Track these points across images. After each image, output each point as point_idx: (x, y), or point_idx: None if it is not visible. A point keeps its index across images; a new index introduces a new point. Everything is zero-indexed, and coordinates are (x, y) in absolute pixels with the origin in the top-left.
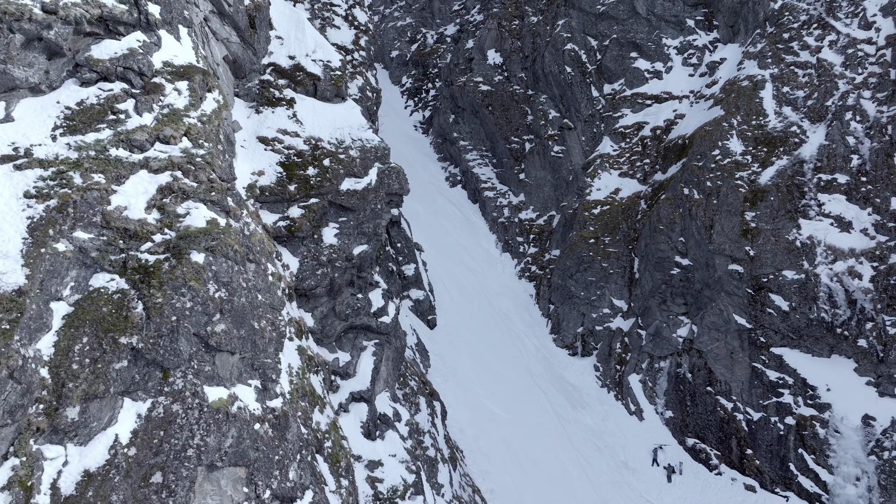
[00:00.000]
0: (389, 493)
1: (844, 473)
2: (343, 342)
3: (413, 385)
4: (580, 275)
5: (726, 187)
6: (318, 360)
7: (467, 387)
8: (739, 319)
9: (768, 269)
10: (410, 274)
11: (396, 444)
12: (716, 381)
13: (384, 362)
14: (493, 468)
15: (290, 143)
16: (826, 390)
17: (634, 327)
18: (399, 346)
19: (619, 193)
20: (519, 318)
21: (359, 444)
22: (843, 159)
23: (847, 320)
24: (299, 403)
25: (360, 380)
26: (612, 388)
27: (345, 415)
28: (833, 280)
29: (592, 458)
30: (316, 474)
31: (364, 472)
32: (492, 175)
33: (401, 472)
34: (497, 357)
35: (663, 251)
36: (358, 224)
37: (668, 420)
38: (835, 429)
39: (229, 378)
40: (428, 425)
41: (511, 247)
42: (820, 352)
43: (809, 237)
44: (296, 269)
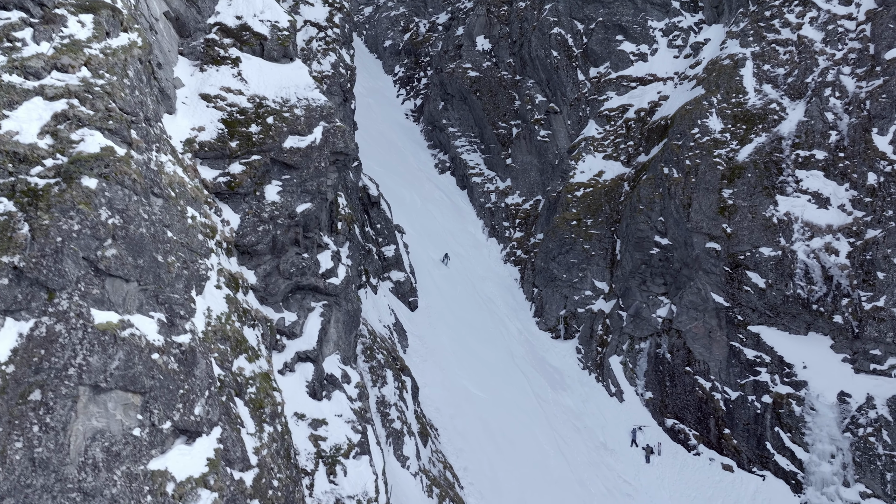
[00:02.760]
0: (332, 450)
1: (820, 451)
2: (290, 303)
3: (380, 358)
4: (562, 257)
5: (704, 165)
6: (257, 315)
7: (445, 367)
8: (717, 298)
9: (745, 247)
10: (390, 255)
11: (343, 404)
12: (694, 360)
13: (333, 324)
14: (467, 446)
15: (233, 100)
16: (802, 368)
17: (615, 309)
18: (351, 309)
19: (602, 176)
20: (503, 302)
21: (303, 404)
22: (821, 135)
23: (823, 297)
24: (216, 346)
25: (307, 340)
26: (593, 370)
27: (290, 374)
28: (810, 257)
29: (570, 439)
30: (231, 415)
31: (307, 430)
32: (480, 161)
33: (346, 431)
34: (478, 339)
35: (643, 231)
36: (301, 182)
37: (648, 401)
38: (811, 406)
39: (123, 305)
40: (395, 398)
41: (497, 232)
42: (797, 329)
43: (787, 214)
44: (236, 225)
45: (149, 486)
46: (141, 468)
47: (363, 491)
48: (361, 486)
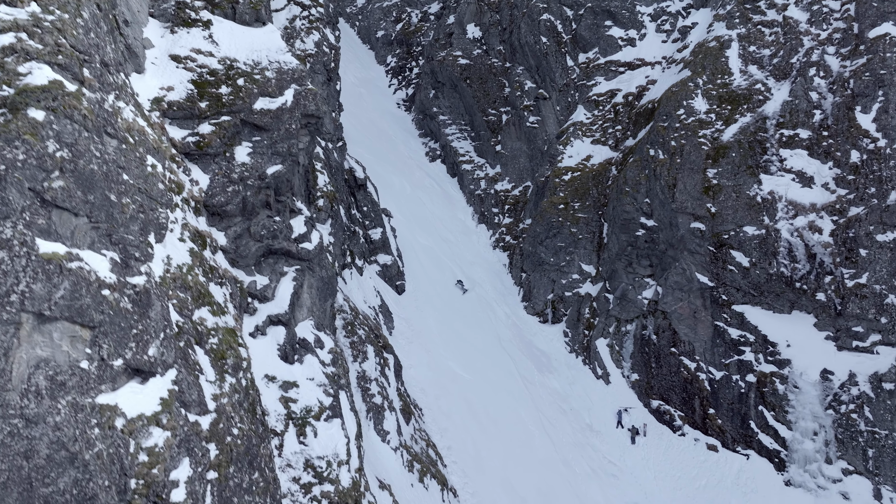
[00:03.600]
0: (303, 412)
1: (802, 428)
2: (262, 266)
3: (361, 334)
4: (550, 241)
5: (689, 145)
6: (226, 274)
7: (431, 349)
8: (702, 278)
9: (729, 226)
10: (377, 238)
11: (315, 368)
12: (680, 341)
13: (307, 290)
14: (452, 426)
15: (203, 62)
16: (786, 346)
17: (602, 291)
18: (325, 276)
19: (590, 160)
20: (491, 287)
21: (274, 366)
22: (805, 115)
23: (806, 274)
24: (176, 293)
25: (279, 304)
26: (580, 353)
27: (262, 337)
28: (793, 235)
29: (556, 420)
30: (189, 361)
31: (278, 392)
32: (470, 148)
33: (317, 394)
34: (465, 323)
35: (628, 212)
36: (272, 144)
37: (634, 383)
38: (794, 384)
39: (71, 238)
40: (376, 374)
41: (486, 218)
42: (781, 308)
43: (770, 192)
44: (206, 185)
45: (96, 418)
46: (88, 401)
47: (334, 453)
48: (332, 448)
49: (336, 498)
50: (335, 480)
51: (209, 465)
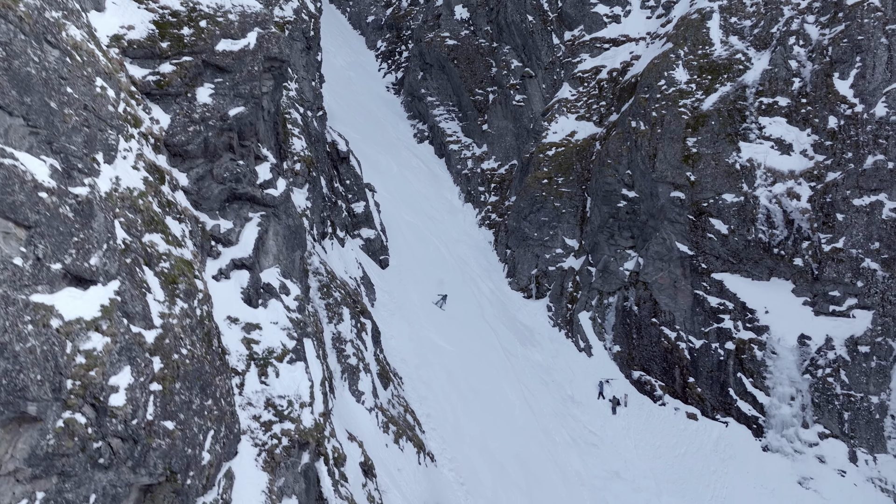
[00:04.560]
0: (265, 353)
1: (780, 394)
2: (227, 211)
3: (337, 296)
4: (533, 216)
5: (670, 115)
6: (186, 212)
7: (413, 321)
8: (682, 247)
9: (708, 194)
10: (360, 212)
11: (280, 312)
12: (660, 311)
13: (273, 237)
14: (431, 395)
15: (165, 2)
16: (765, 313)
17: (585, 265)
18: (292, 224)
19: (574, 136)
20: (476, 263)
21: (238, 309)
22: (784, 83)
23: (784, 240)
24: (124, 212)
25: (243, 248)
26: (563, 327)
27: (225, 281)
28: (772, 202)
29: (538, 391)
30: (135, 277)
31: (240, 333)
32: (457, 129)
33: (281, 337)
34: (449, 297)
35: (610, 184)
36: (234, 85)
37: (616, 354)
38: (772, 350)
39: (4, 136)
40: (351, 336)
41: (473, 197)
42: (759, 275)
43: (749, 160)
44: (166, 125)
45: (30, 315)
46: (21, 297)
47: (296, 394)
48: (294, 389)
49: (297, 436)
50: (296, 420)
51: (153, 376)
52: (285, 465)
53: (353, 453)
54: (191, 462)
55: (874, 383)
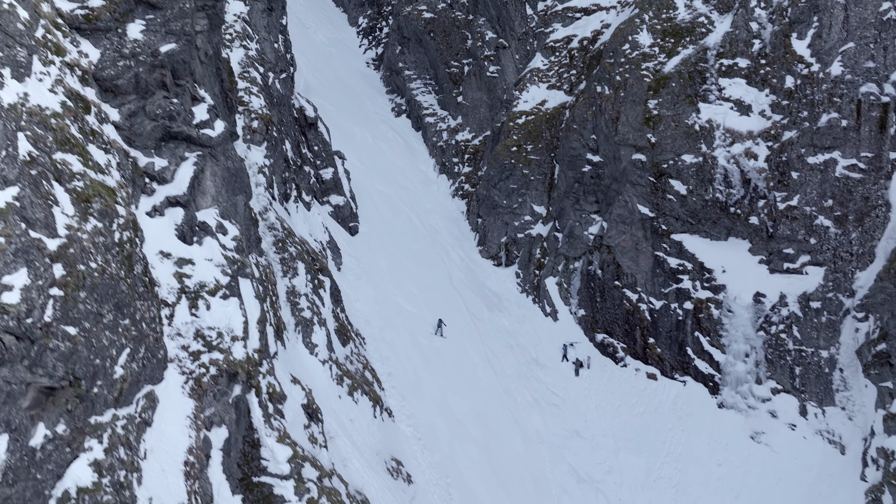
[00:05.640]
0: (197, 287)
1: (735, 351)
2: (162, 150)
3: (292, 251)
4: (503, 183)
5: (633, 79)
6: (115, 145)
7: (379, 285)
8: (643, 209)
9: (668, 156)
10: (328, 178)
11: (215, 250)
12: (623, 274)
13: (211, 178)
14: (394, 355)
15: None
16: (722, 272)
17: (552, 231)
18: (232, 167)
19: (545, 105)
20: (448, 233)
21: (171, 245)
22: (745, 44)
23: (741, 199)
24: (31, 127)
25: (178, 185)
26: (531, 293)
27: (159, 217)
28: (730, 162)
29: (502, 354)
30: (41, 189)
31: (172, 268)
32: (434, 101)
33: (214, 273)
34: (417, 264)
35: (575, 149)
36: (165, 22)
37: (581, 318)
38: (728, 309)
39: None
40: (307, 290)
41: (447, 168)
42: (717, 235)
43: (709, 121)
44: (96, 59)
45: None
46: None
47: (228, 327)
48: (226, 323)
49: (225, 366)
50: (226, 351)
51: (53, 282)
52: (213, 394)
53: (295, 395)
54: (98, 372)
55: (824, 338)
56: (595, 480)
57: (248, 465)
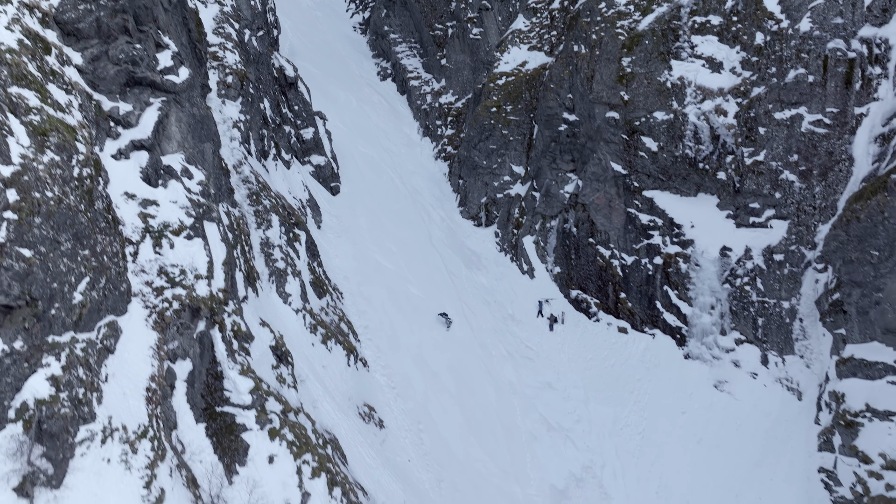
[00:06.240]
0: (161, 226)
1: (701, 304)
2: (127, 95)
3: (266, 204)
4: (482, 144)
5: (608, 37)
6: (77, 87)
7: (359, 243)
8: (616, 166)
9: (640, 113)
10: (309, 138)
11: (179, 193)
12: (597, 231)
13: (176, 123)
14: (371, 309)
15: None
16: (690, 227)
17: (530, 191)
18: (198, 114)
19: (525, 66)
20: (429, 194)
21: (136, 186)
22: (718, 1)
23: (709, 155)
24: None
25: (142, 130)
26: (509, 251)
27: (124, 160)
28: (700, 118)
29: (478, 310)
30: None
31: (137, 208)
32: (418, 65)
33: (179, 214)
34: (398, 223)
35: (552, 108)
36: None
37: (557, 276)
38: (695, 263)
39: None
40: (281, 242)
41: (431, 131)
42: (687, 191)
43: (680, 78)
44: (57, 2)
45: None
46: None
47: (191, 265)
48: (189, 261)
49: (188, 301)
50: (189, 287)
51: (7, 205)
52: (177, 327)
53: (263, 337)
54: (56, 295)
55: (786, 289)
56: (564, 428)
57: (211, 395)
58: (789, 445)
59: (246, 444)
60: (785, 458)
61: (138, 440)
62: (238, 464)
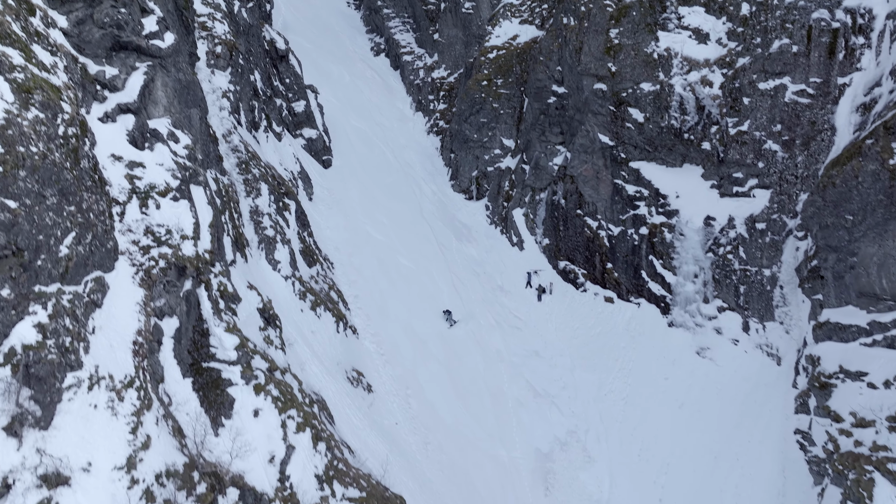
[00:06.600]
0: (147, 187)
1: (685, 272)
2: (113, 59)
3: (256, 173)
4: (473, 117)
5: (596, 8)
6: (62, 49)
7: (350, 214)
8: (603, 138)
9: (628, 84)
10: (300, 111)
11: (166, 156)
12: (584, 203)
13: (162, 88)
14: (361, 279)
15: None
16: (676, 197)
17: (520, 163)
18: (183, 79)
19: (516, 39)
20: (421, 168)
21: (122, 149)
22: None
23: (694, 126)
24: None
25: (129, 93)
26: (499, 224)
27: (111, 123)
28: (686, 89)
29: (468, 281)
30: None
31: (124, 170)
32: (411, 40)
33: (165, 176)
34: (389, 196)
35: (541, 81)
36: None
37: (545, 247)
38: (680, 232)
39: None
40: (270, 210)
41: (423, 106)
42: (673, 162)
43: (667, 49)
44: None
45: None
46: None
47: (177, 226)
48: (175, 222)
49: (174, 260)
50: (175, 247)
51: None
52: (163, 285)
53: (251, 299)
54: (41, 247)
55: (767, 257)
56: (550, 395)
57: (197, 351)
58: (767, 409)
59: (231, 398)
60: (762, 420)
61: (125, 389)
62: (224, 416)
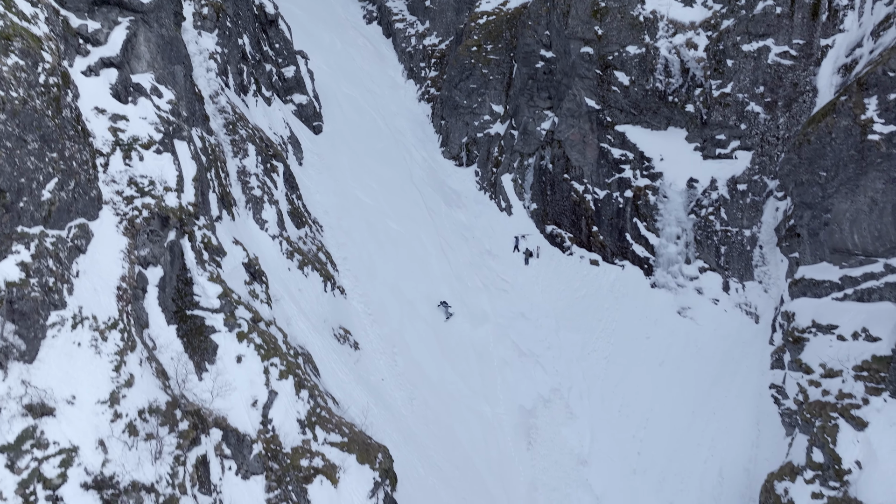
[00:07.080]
0: (130, 140)
1: (668, 234)
2: (95, 14)
3: (243, 134)
4: (463, 83)
5: None
6: (43, 0)
7: (339, 179)
8: (589, 102)
9: (614, 47)
10: (290, 76)
11: (149, 110)
12: (571, 167)
13: (145, 43)
14: (350, 242)
15: None
16: (660, 160)
17: (509, 129)
18: (166, 35)
19: (507, 4)
20: (412, 134)
21: (106, 102)
22: None
23: (678, 88)
24: None
25: (111, 48)
26: (488, 190)
27: (94, 77)
28: (671, 52)
29: (456, 245)
30: None
31: (107, 123)
32: (403, 7)
33: (148, 130)
34: (379, 162)
35: (529, 45)
36: None
37: (533, 212)
38: (663, 195)
39: None
40: (257, 171)
41: (415, 73)
42: (658, 125)
43: (653, 12)
44: None
45: None
46: None
47: (160, 178)
48: (158, 174)
49: (157, 210)
50: (158, 197)
51: None
52: (147, 234)
53: (236, 254)
54: (23, 189)
55: (748, 217)
56: (535, 354)
57: (181, 299)
58: (744, 365)
59: (215, 345)
60: (739, 376)
61: (108, 330)
62: (207, 362)
